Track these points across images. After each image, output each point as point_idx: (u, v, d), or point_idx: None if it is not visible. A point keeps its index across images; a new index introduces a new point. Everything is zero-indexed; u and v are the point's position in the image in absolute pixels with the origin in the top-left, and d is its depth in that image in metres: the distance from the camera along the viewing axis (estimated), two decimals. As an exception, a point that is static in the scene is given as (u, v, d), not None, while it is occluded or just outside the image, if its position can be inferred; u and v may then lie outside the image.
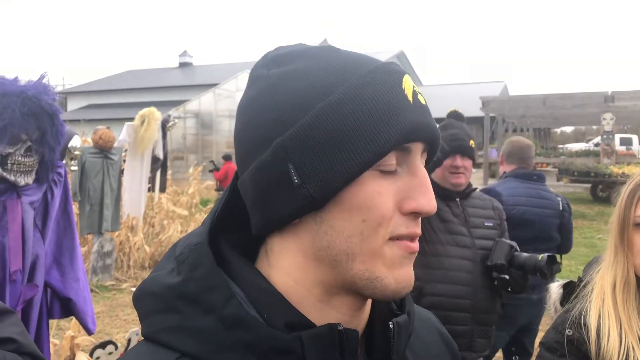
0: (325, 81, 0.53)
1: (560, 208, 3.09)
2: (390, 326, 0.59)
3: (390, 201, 0.54)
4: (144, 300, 0.57)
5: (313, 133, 0.52)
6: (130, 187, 6.84)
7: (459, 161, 2.30)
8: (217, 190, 9.97)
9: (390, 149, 0.52)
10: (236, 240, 0.60)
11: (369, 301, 0.61)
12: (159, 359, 0.53)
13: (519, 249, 2.30)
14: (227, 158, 10.13)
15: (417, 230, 0.56)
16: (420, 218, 0.56)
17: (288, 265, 0.56)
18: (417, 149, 0.55)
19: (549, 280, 2.35)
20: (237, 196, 0.60)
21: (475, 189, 2.46)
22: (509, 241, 2.29)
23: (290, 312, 0.54)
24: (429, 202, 0.54)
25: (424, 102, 0.57)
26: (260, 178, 0.54)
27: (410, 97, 0.55)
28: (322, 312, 0.56)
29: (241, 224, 0.61)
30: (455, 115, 2.41)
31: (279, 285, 0.56)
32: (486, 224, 2.36)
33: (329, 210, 0.53)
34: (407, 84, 0.55)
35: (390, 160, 0.53)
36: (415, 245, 0.56)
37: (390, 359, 0.59)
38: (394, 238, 0.54)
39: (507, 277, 2.22)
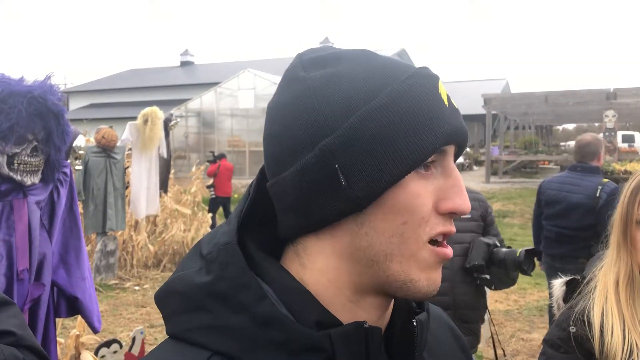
0: (368, 85, 0.54)
1: (597, 195, 3.53)
2: (414, 324, 0.60)
3: (429, 202, 0.55)
4: (169, 300, 0.57)
5: (359, 135, 0.52)
6: (140, 187, 6.77)
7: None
8: (208, 187, 9.98)
9: (433, 151, 0.53)
10: (258, 240, 0.60)
11: (392, 300, 0.62)
12: (190, 358, 0.53)
13: (498, 245, 2.29)
14: (221, 156, 10.19)
15: (453, 228, 0.57)
16: (453, 217, 0.57)
17: (322, 266, 0.57)
18: (452, 151, 0.57)
19: (529, 275, 2.36)
20: (261, 198, 0.60)
21: None
22: (486, 239, 2.27)
23: (320, 311, 0.55)
24: (464, 202, 0.56)
25: (456, 106, 0.58)
26: (304, 180, 0.54)
27: (445, 101, 0.56)
28: (351, 312, 0.57)
29: (261, 224, 0.61)
30: None
31: (311, 285, 0.56)
32: (463, 215, 2.33)
33: (371, 211, 0.54)
34: (442, 88, 0.57)
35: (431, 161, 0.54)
36: (449, 250, 0.57)
37: (411, 356, 0.60)
38: (433, 240, 0.56)
39: (487, 276, 2.20)
